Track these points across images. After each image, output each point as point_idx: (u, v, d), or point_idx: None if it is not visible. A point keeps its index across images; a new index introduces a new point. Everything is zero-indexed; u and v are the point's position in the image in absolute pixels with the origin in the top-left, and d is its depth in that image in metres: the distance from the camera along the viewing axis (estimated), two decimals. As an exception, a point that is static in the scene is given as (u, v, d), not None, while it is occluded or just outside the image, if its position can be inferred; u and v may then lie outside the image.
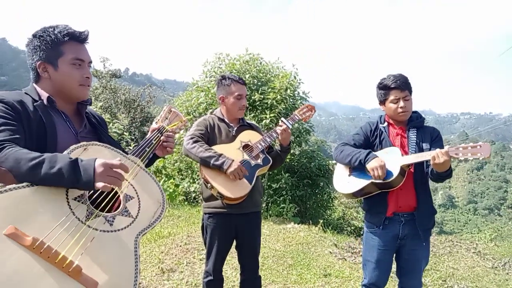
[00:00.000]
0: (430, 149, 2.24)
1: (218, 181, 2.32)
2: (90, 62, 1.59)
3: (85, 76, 1.53)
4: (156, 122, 1.88)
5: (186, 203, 8.03)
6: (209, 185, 2.34)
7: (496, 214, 59.77)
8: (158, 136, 1.78)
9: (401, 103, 2.29)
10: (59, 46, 1.47)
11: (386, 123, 2.43)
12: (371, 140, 2.43)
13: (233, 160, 2.31)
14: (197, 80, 8.71)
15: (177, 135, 1.93)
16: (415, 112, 2.41)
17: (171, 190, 7.45)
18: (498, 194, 64.86)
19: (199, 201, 7.94)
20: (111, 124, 9.36)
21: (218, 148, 2.39)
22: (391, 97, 2.33)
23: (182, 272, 3.75)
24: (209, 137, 2.51)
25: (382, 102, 2.41)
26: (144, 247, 4.35)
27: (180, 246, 4.48)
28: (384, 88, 2.36)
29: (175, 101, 9.33)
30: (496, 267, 4.89)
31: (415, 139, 2.31)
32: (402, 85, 2.30)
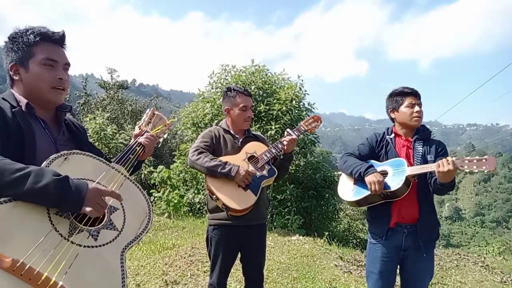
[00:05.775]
0: (434, 161, 2.25)
1: (223, 192, 2.31)
2: (67, 64, 1.48)
3: (58, 77, 1.43)
4: (140, 127, 1.80)
5: (190, 214, 8.02)
6: (214, 196, 2.34)
7: (504, 226, 58.88)
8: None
9: (417, 108, 2.35)
10: (31, 47, 1.40)
11: (393, 135, 2.46)
12: (376, 151, 2.45)
13: (239, 166, 2.31)
14: (203, 91, 8.79)
15: (161, 136, 1.88)
16: (422, 125, 2.44)
17: (175, 201, 7.44)
18: (506, 206, 63.98)
19: (204, 212, 7.92)
20: (117, 135, 9.43)
21: (223, 159, 2.39)
22: (406, 102, 2.38)
23: (185, 284, 3.71)
24: (214, 148, 2.51)
25: (396, 108, 2.43)
26: (148, 259, 4.32)
27: (184, 258, 4.45)
28: (400, 94, 2.42)
29: (181, 112, 9.40)
30: (505, 282, 4.80)
31: (421, 150, 2.34)
32: (417, 93, 2.40)
